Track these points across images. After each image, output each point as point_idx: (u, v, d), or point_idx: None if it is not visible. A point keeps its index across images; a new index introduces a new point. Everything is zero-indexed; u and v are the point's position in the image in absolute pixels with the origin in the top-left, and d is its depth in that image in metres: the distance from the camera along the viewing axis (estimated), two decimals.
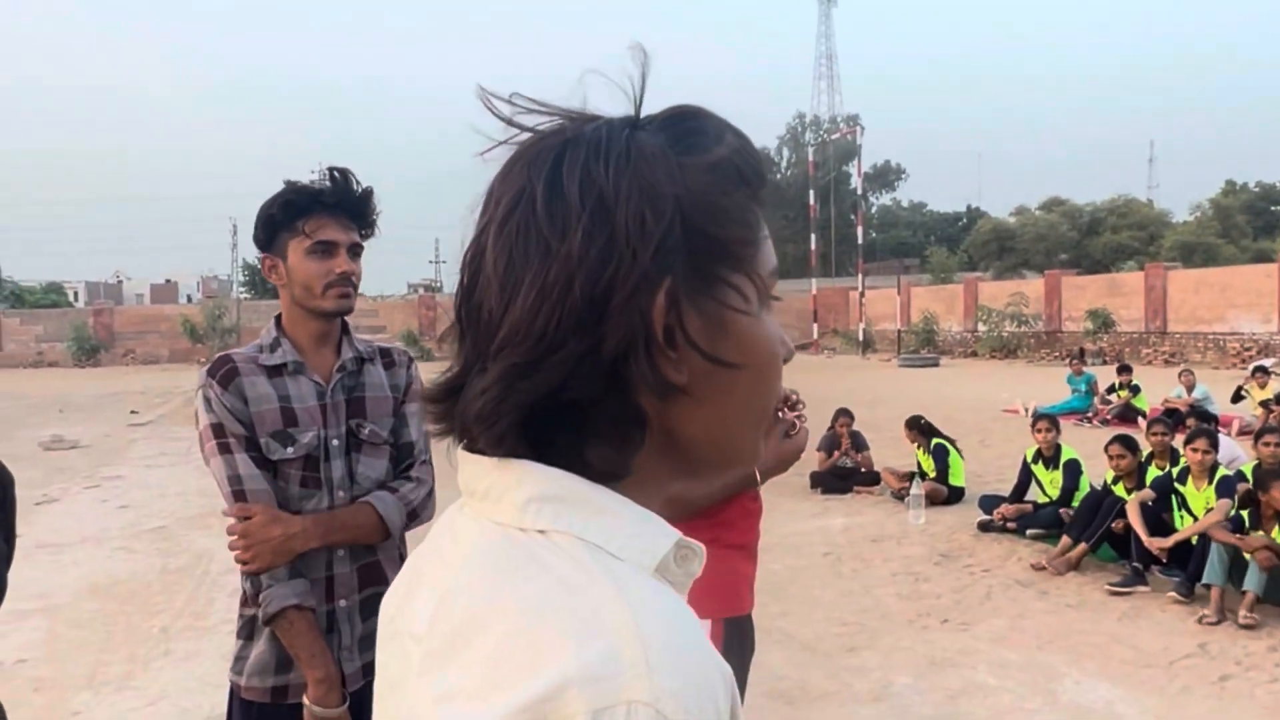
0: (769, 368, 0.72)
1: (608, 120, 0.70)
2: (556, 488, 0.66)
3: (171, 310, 45.40)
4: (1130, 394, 14.75)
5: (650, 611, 0.61)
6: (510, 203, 0.67)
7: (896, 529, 8.22)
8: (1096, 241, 50.88)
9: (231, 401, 2.11)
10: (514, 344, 0.65)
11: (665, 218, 0.65)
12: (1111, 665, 5.06)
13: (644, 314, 0.65)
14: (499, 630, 0.61)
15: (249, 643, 2.15)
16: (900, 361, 30.62)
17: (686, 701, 0.58)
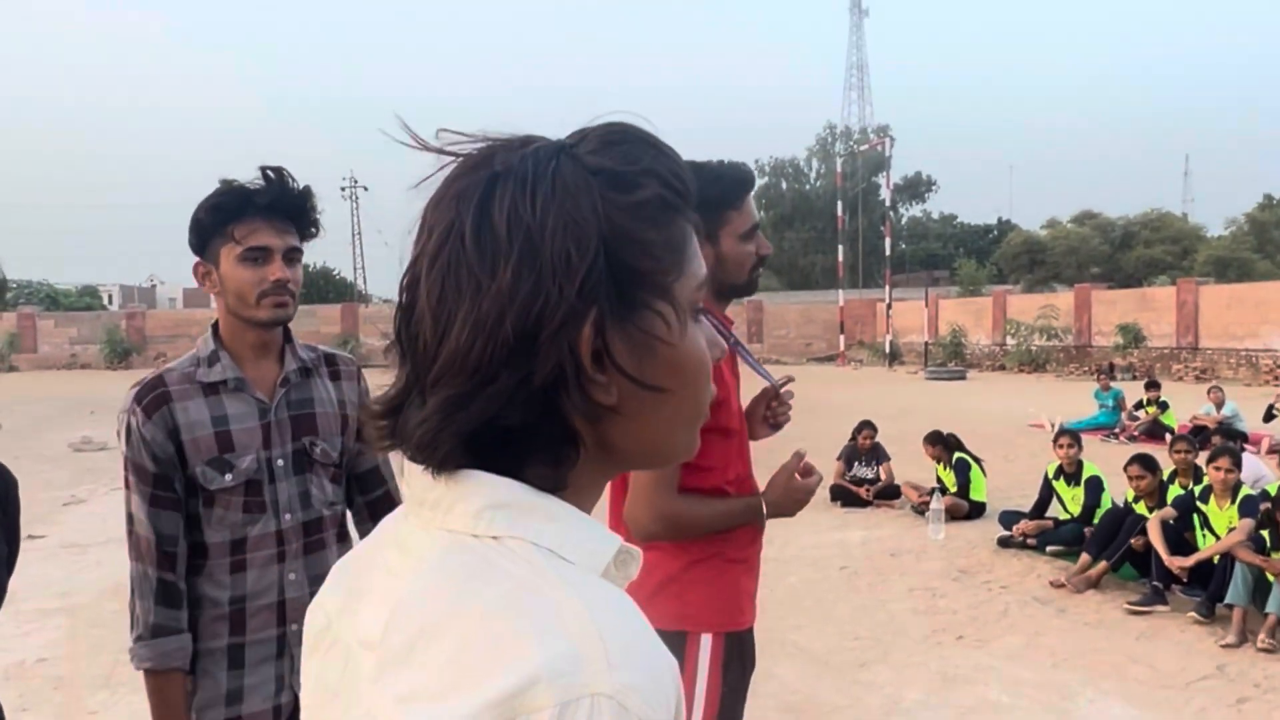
0: (697, 381, 0.75)
1: (536, 148, 0.72)
2: (508, 496, 0.70)
3: (202, 314, 45.78)
4: (1158, 410, 14.58)
5: (606, 610, 0.65)
6: (441, 236, 0.70)
7: (915, 544, 8.17)
8: (1129, 255, 50.35)
9: (151, 433, 2.00)
10: (450, 376, 0.69)
11: (589, 253, 0.68)
12: (1128, 685, 5.00)
13: (572, 345, 0.68)
14: (461, 632, 0.64)
15: (194, 678, 2.07)
16: (927, 374, 30.41)
17: (646, 694, 0.62)
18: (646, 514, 2.12)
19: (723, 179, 2.25)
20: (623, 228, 0.70)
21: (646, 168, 0.72)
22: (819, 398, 21.03)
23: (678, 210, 0.74)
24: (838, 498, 9.75)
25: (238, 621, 2.05)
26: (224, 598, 2.05)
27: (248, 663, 2.06)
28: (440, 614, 0.66)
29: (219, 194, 2.03)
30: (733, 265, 2.29)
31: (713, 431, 2.17)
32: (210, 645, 2.06)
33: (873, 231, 58.48)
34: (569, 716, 0.60)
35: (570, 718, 0.60)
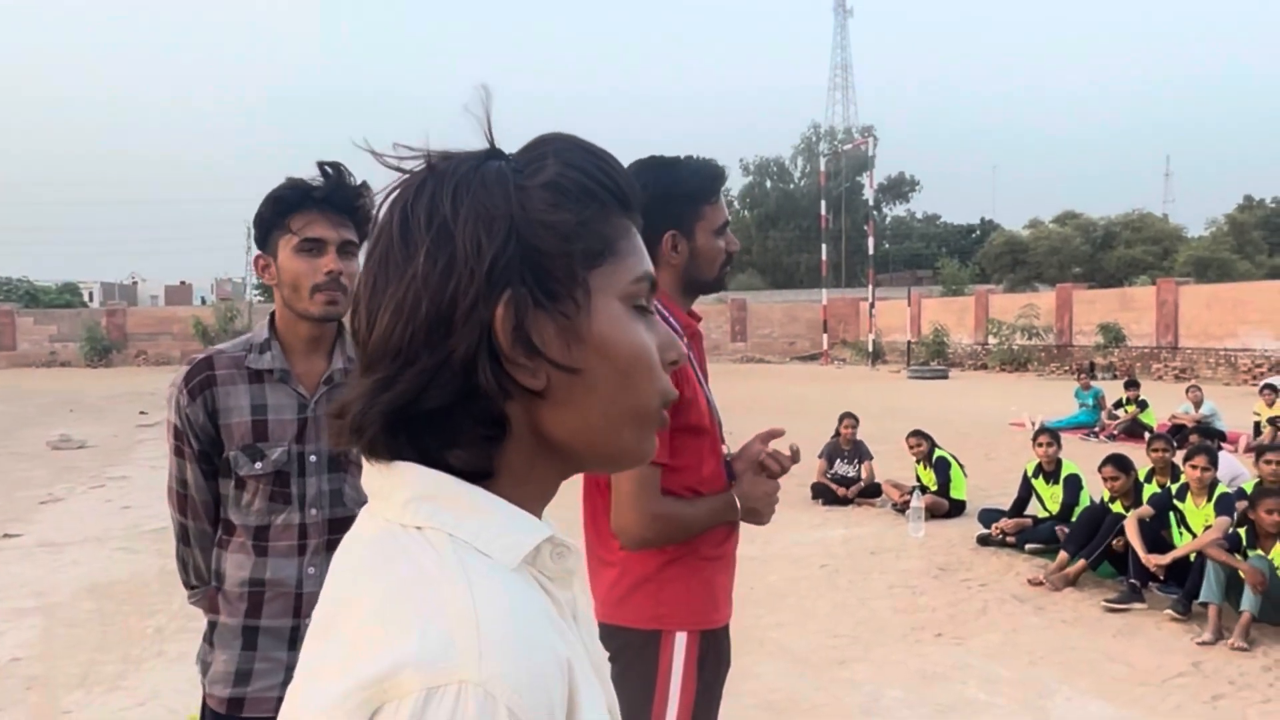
0: (632, 372, 0.77)
1: (466, 154, 0.77)
2: (434, 488, 0.73)
3: (185, 312, 45.62)
4: (1138, 409, 14.67)
5: (493, 604, 0.67)
6: (375, 235, 0.76)
7: (896, 542, 8.20)
8: (1110, 255, 50.65)
9: (194, 413, 2.10)
10: (376, 360, 0.73)
11: (499, 236, 0.72)
12: (1104, 682, 5.03)
13: (486, 325, 0.72)
14: (356, 615, 0.68)
15: (212, 649, 2.15)
16: (909, 373, 30.52)
17: (516, 684, 0.63)
18: (637, 521, 2.10)
19: (699, 174, 2.26)
20: (533, 211, 0.73)
21: (563, 158, 0.76)
22: (802, 397, 21.10)
23: (594, 197, 0.76)
24: (819, 495, 9.78)
25: (255, 604, 2.11)
26: (244, 578, 2.11)
27: (260, 646, 2.11)
28: (347, 595, 0.70)
29: (281, 188, 2.10)
30: (705, 261, 2.29)
31: (683, 431, 2.16)
32: (228, 621, 2.13)
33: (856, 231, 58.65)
34: (434, 702, 0.61)
35: (435, 703, 0.61)
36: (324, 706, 0.64)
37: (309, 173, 2.10)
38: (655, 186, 2.19)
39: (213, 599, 2.16)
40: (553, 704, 0.66)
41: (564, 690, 0.67)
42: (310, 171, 2.09)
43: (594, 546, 2.32)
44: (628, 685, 2.19)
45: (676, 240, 2.23)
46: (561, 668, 0.68)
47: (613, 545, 2.22)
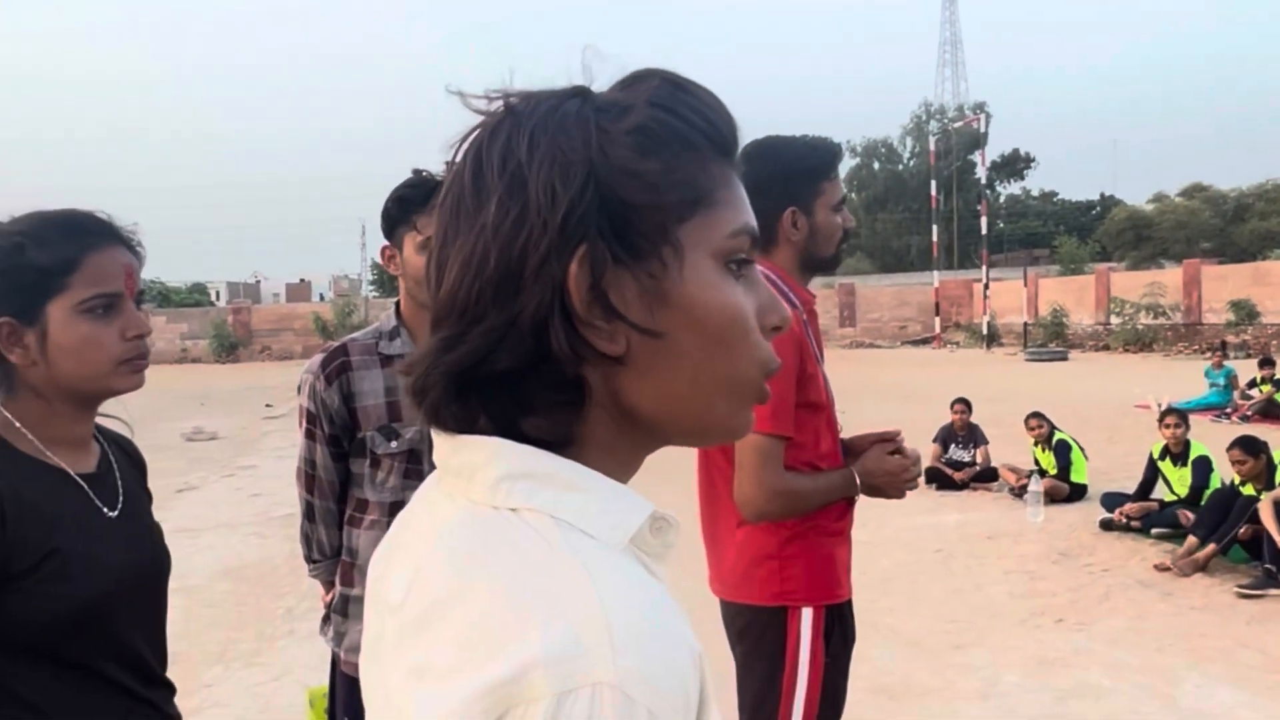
0: (726, 337, 0.69)
1: (549, 93, 0.69)
2: (527, 465, 0.66)
3: (304, 308, 47.25)
4: (1273, 389, 13.97)
5: (617, 593, 0.61)
6: (449, 182, 0.70)
7: (1013, 526, 8.00)
8: (1242, 229, 48.18)
9: (330, 398, 2.22)
10: (444, 317, 0.68)
11: (575, 184, 0.65)
12: (1237, 670, 4.83)
13: (558, 283, 0.65)
14: (469, 610, 0.62)
15: (345, 620, 2.27)
16: (1027, 355, 29.62)
17: (653, 682, 0.58)
18: (759, 493, 2.14)
19: (817, 151, 2.32)
20: (617, 158, 0.66)
21: (650, 98, 0.68)
22: (913, 381, 20.72)
23: (692, 145, 0.68)
24: (933, 480, 9.60)
25: None
26: None
27: None
28: (450, 589, 0.64)
29: (406, 185, 2.22)
30: (824, 237, 2.32)
31: (803, 406, 2.19)
32: (364, 593, 2.20)
33: (968, 211, 57.17)
34: (567, 707, 0.56)
35: (568, 708, 0.56)
36: (445, 712, 0.59)
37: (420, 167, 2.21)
38: (775, 164, 2.24)
39: (346, 573, 2.27)
40: (689, 698, 0.61)
41: (697, 682, 0.62)
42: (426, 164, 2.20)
43: (712, 526, 2.36)
44: (756, 662, 2.23)
45: (796, 216, 2.27)
46: (694, 658, 0.63)
47: (731, 522, 2.26)
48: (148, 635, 1.55)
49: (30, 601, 1.36)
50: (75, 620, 1.40)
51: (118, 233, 1.50)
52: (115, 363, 1.46)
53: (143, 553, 1.55)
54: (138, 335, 1.48)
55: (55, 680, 1.40)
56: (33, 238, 1.42)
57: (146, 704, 1.52)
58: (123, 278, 1.47)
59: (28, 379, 1.44)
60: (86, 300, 1.43)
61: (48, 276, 1.41)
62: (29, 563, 1.36)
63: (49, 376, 1.44)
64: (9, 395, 1.45)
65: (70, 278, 1.42)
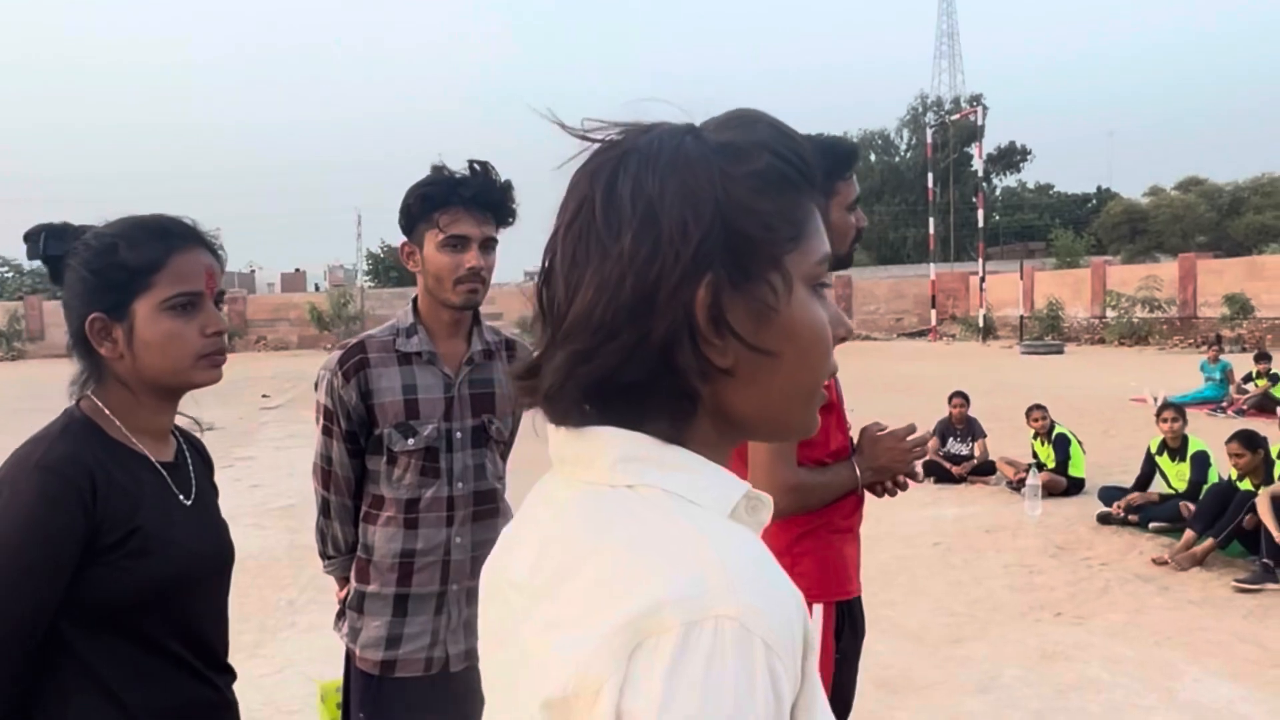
0: (812, 352, 0.79)
1: (665, 129, 0.78)
2: (639, 449, 0.76)
3: (300, 298, 47.19)
4: (1269, 383, 14.02)
5: (730, 544, 0.70)
6: (575, 208, 0.78)
7: (1011, 520, 8.04)
8: (1238, 223, 48.25)
9: (348, 394, 2.22)
10: (576, 333, 0.75)
11: (705, 221, 0.74)
12: (1235, 664, 4.87)
13: (687, 306, 0.74)
14: (596, 567, 0.71)
15: (361, 616, 2.27)
16: (1023, 348, 29.66)
17: (768, 619, 0.66)
18: (774, 490, 2.15)
19: (833, 150, 2.34)
20: (738, 197, 0.75)
21: (762, 142, 0.77)
22: (910, 374, 20.75)
23: (794, 185, 0.78)
24: (931, 473, 9.63)
25: (405, 573, 2.24)
26: (395, 549, 2.23)
27: (409, 612, 2.24)
28: (579, 552, 0.73)
29: (428, 182, 2.20)
30: (837, 236, 2.33)
31: None
32: (380, 590, 2.26)
33: (965, 203, 57.19)
34: (694, 636, 0.64)
35: (695, 637, 0.64)
36: (583, 652, 0.67)
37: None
38: None
39: (362, 570, 2.28)
40: (795, 638, 0.69)
41: (803, 626, 0.71)
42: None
43: None
44: None
45: None
46: (799, 605, 0.71)
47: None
48: (214, 620, 1.64)
49: (112, 576, 1.46)
50: (152, 598, 1.49)
51: (201, 236, 1.60)
52: (195, 357, 1.56)
53: (212, 541, 1.64)
54: (216, 332, 1.57)
55: (125, 654, 1.49)
56: (125, 238, 1.52)
57: (210, 685, 1.60)
58: (204, 278, 1.56)
59: (116, 371, 1.55)
60: (170, 298, 1.52)
61: (136, 275, 1.51)
62: (114, 538, 1.46)
63: (134, 369, 1.54)
64: (99, 385, 1.56)
65: (156, 276, 1.52)
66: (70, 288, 1.54)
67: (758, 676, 0.64)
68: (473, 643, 2.26)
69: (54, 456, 1.45)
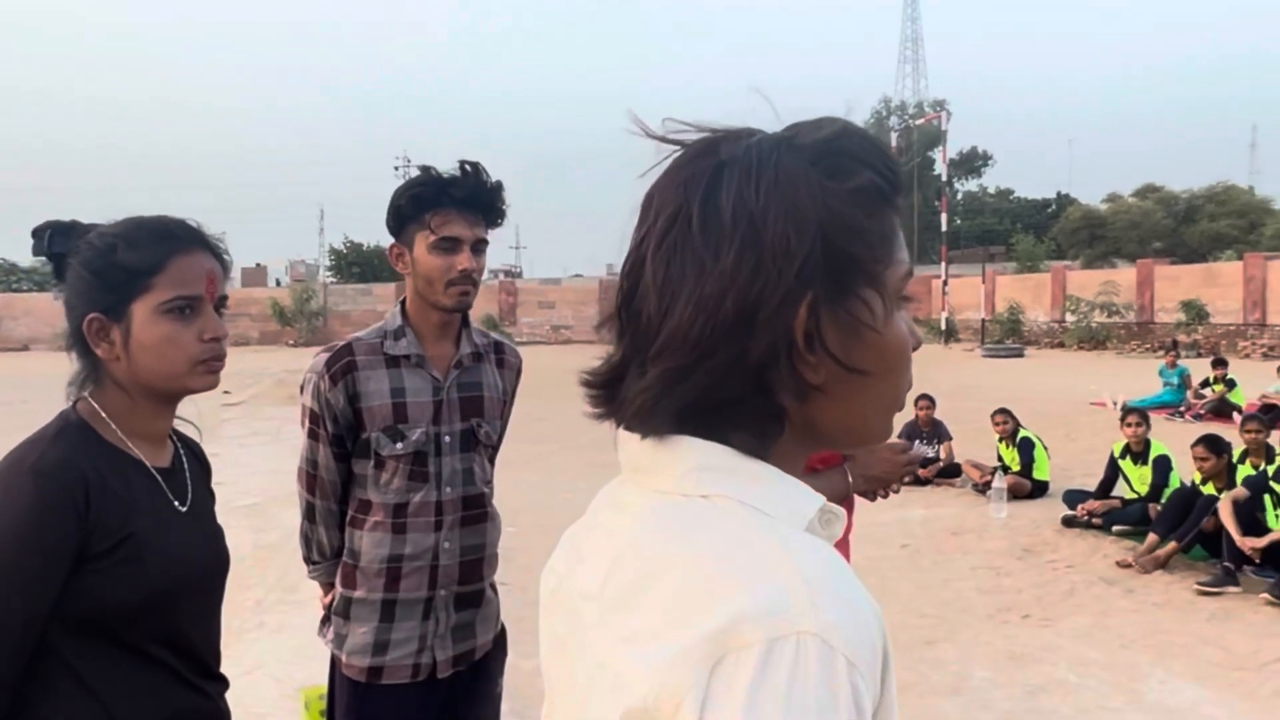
0: (898, 367, 0.79)
1: (759, 139, 0.76)
2: (715, 459, 0.74)
3: (261, 293, 46.61)
4: (1225, 388, 14.28)
5: (810, 559, 0.69)
6: (668, 219, 0.75)
7: (977, 522, 8.12)
8: (1193, 230, 49.06)
9: (335, 397, 2.18)
10: (671, 350, 0.73)
11: (808, 239, 0.72)
12: (1199, 666, 4.95)
13: (787, 326, 0.72)
14: (675, 579, 0.69)
15: (347, 622, 2.24)
16: (984, 351, 30.02)
17: (849, 635, 0.65)
18: None
19: None
20: (840, 215, 0.73)
21: (861, 157, 0.75)
22: None
23: (888, 200, 0.77)
24: None
25: (393, 578, 2.20)
26: (383, 554, 2.20)
27: (397, 618, 2.20)
28: (655, 563, 0.71)
29: (418, 183, 2.16)
30: None
31: None
32: (367, 596, 2.22)
33: (928, 207, 57.66)
34: (777, 652, 0.63)
35: (778, 653, 0.63)
36: (664, 664, 0.66)
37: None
38: None
39: (348, 575, 2.24)
40: (876, 653, 0.68)
41: (882, 640, 0.70)
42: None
43: None
44: None
45: None
46: (879, 618, 0.70)
47: None
48: (205, 629, 1.61)
49: (104, 583, 1.43)
50: (143, 605, 1.46)
51: (204, 239, 1.57)
52: (192, 362, 1.53)
53: (207, 549, 1.61)
54: (214, 338, 1.54)
55: (115, 663, 1.46)
56: (126, 239, 1.50)
57: (199, 693, 1.58)
58: (204, 282, 1.53)
59: (113, 373, 1.52)
60: (168, 301, 1.50)
61: (134, 276, 1.49)
62: (107, 545, 1.43)
63: (130, 372, 1.51)
64: (97, 387, 1.54)
65: (154, 279, 1.50)
66: (71, 286, 1.52)
67: (840, 692, 0.63)
68: (461, 648, 2.24)
69: (48, 461, 1.42)
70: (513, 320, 40.95)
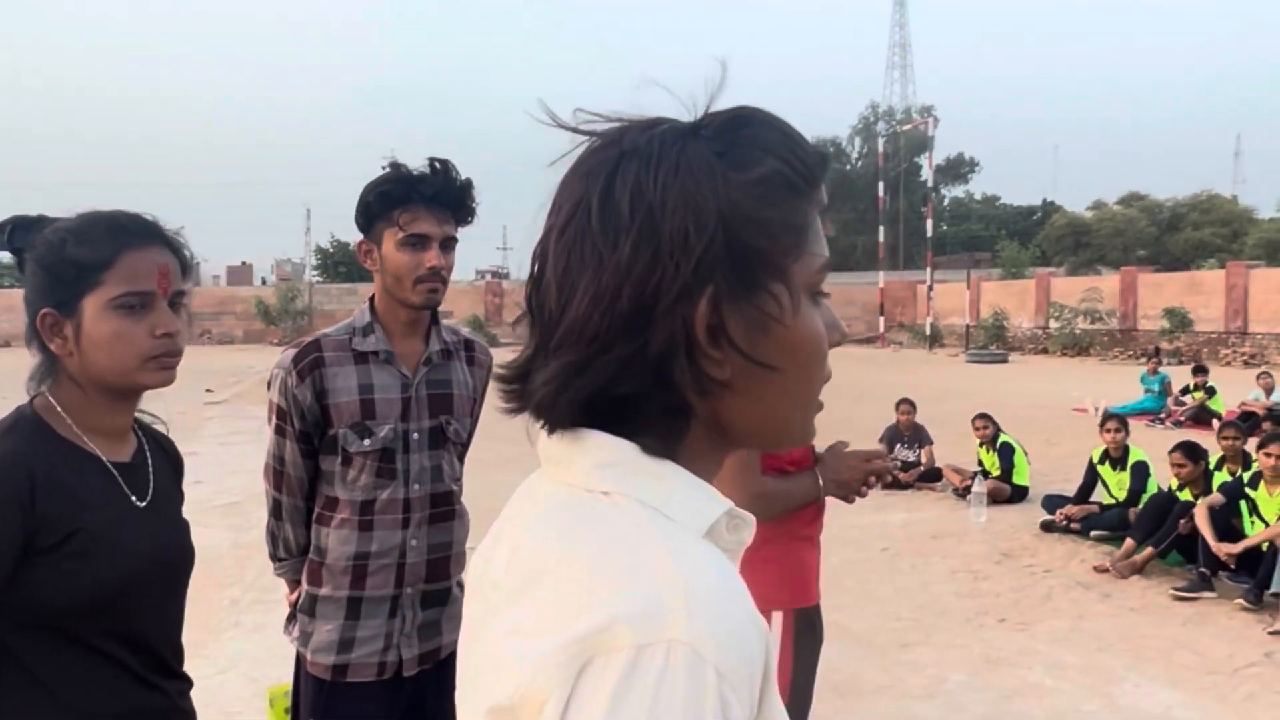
0: (811, 362, 0.77)
1: (665, 129, 0.74)
2: (620, 455, 0.73)
3: (246, 292, 46.43)
4: (1205, 395, 14.38)
5: (695, 566, 0.68)
6: (569, 211, 0.73)
7: (957, 526, 8.15)
8: (1177, 238, 49.44)
9: (303, 394, 2.17)
10: (569, 343, 0.72)
11: (708, 231, 0.70)
12: (1173, 670, 4.98)
13: (686, 319, 0.70)
14: (562, 575, 0.69)
15: (312, 620, 2.23)
16: (968, 357, 30.15)
17: (722, 646, 0.64)
18: (737, 497, 2.15)
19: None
20: (741, 206, 0.71)
21: (767, 147, 0.73)
22: (858, 380, 20.93)
23: (798, 191, 0.74)
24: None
25: (359, 576, 2.19)
26: (350, 552, 2.19)
27: (362, 616, 2.19)
28: (545, 558, 0.71)
29: (387, 180, 2.15)
30: None
31: None
32: (333, 593, 2.21)
33: (914, 213, 57.92)
34: (645, 658, 0.62)
35: (646, 660, 0.62)
36: (533, 661, 0.65)
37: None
38: None
39: (314, 572, 2.23)
40: (753, 667, 0.67)
41: (763, 654, 0.68)
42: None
43: None
44: None
45: None
46: (761, 632, 0.69)
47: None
48: (163, 626, 1.60)
49: (53, 578, 1.42)
50: (92, 600, 1.45)
51: (159, 234, 1.55)
52: (143, 358, 1.51)
53: (166, 545, 1.60)
54: (167, 333, 1.52)
55: (65, 659, 1.45)
56: (76, 234, 1.49)
57: (158, 691, 1.56)
58: (156, 277, 1.52)
59: (68, 368, 1.52)
60: (118, 296, 1.49)
61: (85, 271, 1.48)
62: (54, 540, 1.42)
63: (83, 367, 1.51)
64: (54, 383, 1.54)
65: (105, 274, 1.48)
66: (28, 281, 1.51)
67: (708, 704, 0.62)
68: (427, 647, 2.23)
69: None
70: (499, 321, 40.88)
